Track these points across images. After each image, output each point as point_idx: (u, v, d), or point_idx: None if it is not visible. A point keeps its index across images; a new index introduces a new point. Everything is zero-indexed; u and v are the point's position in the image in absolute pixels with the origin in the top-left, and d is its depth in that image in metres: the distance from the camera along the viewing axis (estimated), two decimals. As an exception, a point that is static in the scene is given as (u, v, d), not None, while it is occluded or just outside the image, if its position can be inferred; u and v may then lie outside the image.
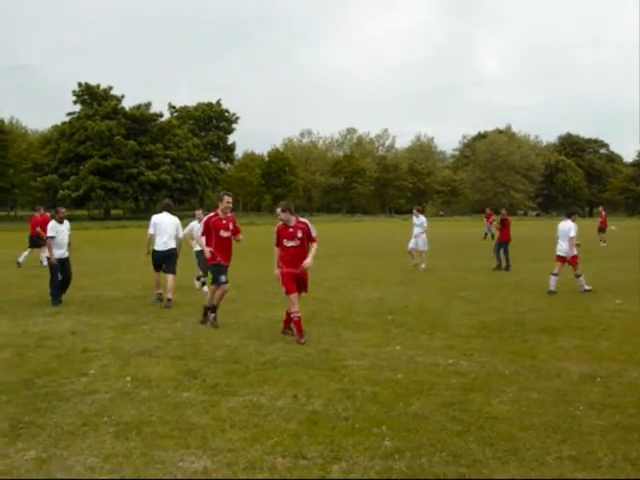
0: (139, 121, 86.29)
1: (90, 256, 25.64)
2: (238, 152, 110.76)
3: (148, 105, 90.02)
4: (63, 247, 13.59)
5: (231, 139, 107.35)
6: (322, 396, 6.80)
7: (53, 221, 13.62)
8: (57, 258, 13.41)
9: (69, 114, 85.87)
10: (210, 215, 11.15)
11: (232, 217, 11.31)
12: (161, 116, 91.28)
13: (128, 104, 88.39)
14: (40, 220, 21.82)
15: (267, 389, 7.09)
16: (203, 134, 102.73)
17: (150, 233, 13.72)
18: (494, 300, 14.02)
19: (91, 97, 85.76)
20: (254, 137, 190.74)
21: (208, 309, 11.18)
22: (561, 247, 15.56)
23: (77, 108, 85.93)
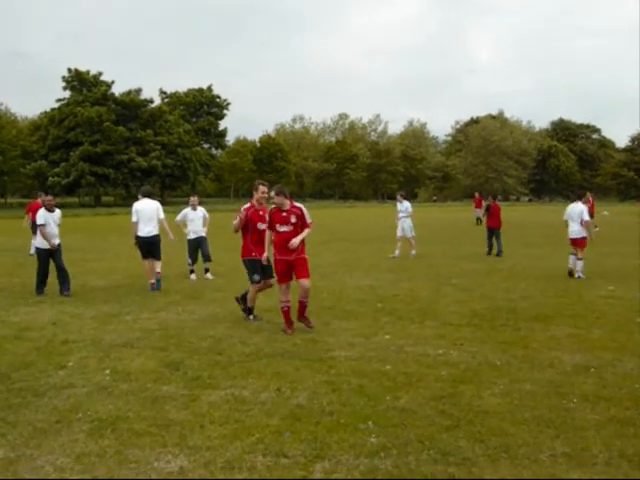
0: (129, 107, 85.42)
1: (79, 243, 25.29)
2: (230, 138, 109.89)
3: (138, 91, 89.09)
4: (52, 237, 13.15)
5: (222, 125, 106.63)
6: (307, 389, 6.56)
7: (43, 209, 13.31)
8: (45, 248, 13.10)
9: (58, 100, 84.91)
10: (246, 207, 10.23)
11: (266, 208, 10.34)
12: (152, 102, 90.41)
13: (118, 90, 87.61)
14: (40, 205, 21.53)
15: (250, 382, 6.85)
16: (194, 120, 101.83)
17: (134, 221, 13.62)
18: (485, 287, 13.81)
19: (81, 83, 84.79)
20: (246, 123, 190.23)
21: (246, 311, 10.44)
22: (572, 229, 15.49)
23: (67, 94, 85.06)
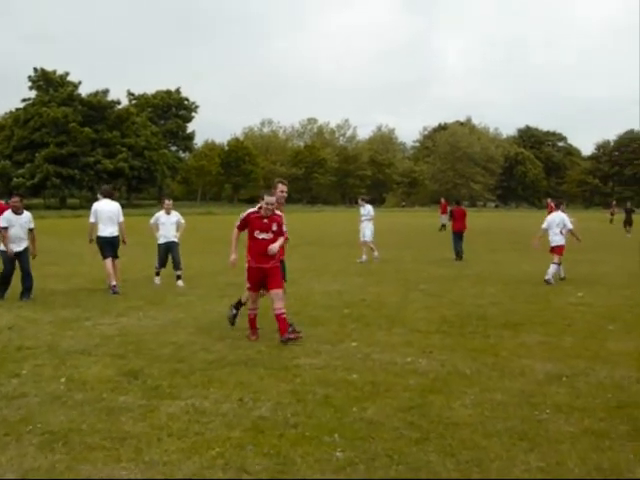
0: (96, 108, 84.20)
1: (42, 246, 24.41)
2: (198, 141, 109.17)
3: (105, 92, 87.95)
4: (16, 241, 12.55)
5: (190, 128, 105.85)
6: (270, 399, 6.27)
7: (9, 211, 12.62)
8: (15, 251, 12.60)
9: (24, 100, 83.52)
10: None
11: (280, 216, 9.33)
12: (119, 103, 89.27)
13: (85, 91, 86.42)
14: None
15: (212, 391, 6.54)
16: (162, 122, 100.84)
17: (92, 221, 13.44)
18: (454, 293, 13.65)
19: (47, 83, 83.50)
20: (215, 127, 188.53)
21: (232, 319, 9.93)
22: (553, 238, 15.55)
23: (32, 94, 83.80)
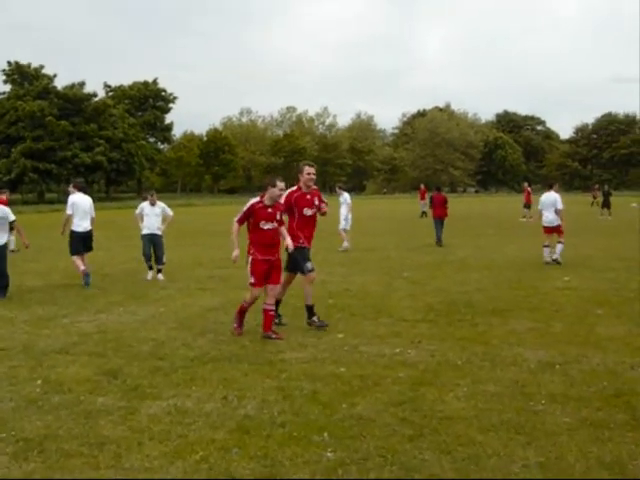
0: (72, 101, 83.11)
1: (19, 241, 24.24)
2: (177, 133, 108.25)
3: (82, 84, 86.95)
4: None
5: (168, 119, 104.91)
6: (256, 397, 6.02)
7: None
8: None
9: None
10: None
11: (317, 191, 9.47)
12: (95, 96, 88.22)
13: (61, 83, 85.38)
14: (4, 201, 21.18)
15: (194, 390, 6.28)
16: (139, 114, 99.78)
17: (69, 213, 13.27)
18: (438, 280, 13.47)
19: (21, 76, 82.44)
20: (194, 117, 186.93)
21: (310, 310, 9.40)
22: (547, 218, 15.86)
23: (7, 88, 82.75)
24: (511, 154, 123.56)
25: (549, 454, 4.65)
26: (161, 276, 14.14)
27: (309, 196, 9.10)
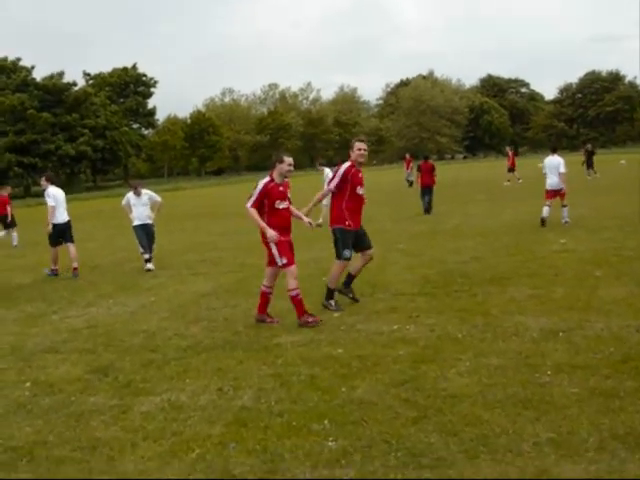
0: (52, 92, 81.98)
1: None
2: (160, 117, 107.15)
3: (61, 74, 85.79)
4: None
5: (151, 104, 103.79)
6: (252, 386, 5.80)
7: None
8: None
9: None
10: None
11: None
12: (75, 85, 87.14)
13: (39, 75, 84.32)
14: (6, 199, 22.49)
15: (188, 383, 6.06)
16: (121, 100, 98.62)
17: (53, 205, 13.26)
18: (434, 249, 13.27)
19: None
20: (178, 101, 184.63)
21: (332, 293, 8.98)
22: (551, 181, 15.95)
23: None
24: (497, 118, 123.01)
25: (560, 429, 4.45)
26: (151, 265, 13.84)
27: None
